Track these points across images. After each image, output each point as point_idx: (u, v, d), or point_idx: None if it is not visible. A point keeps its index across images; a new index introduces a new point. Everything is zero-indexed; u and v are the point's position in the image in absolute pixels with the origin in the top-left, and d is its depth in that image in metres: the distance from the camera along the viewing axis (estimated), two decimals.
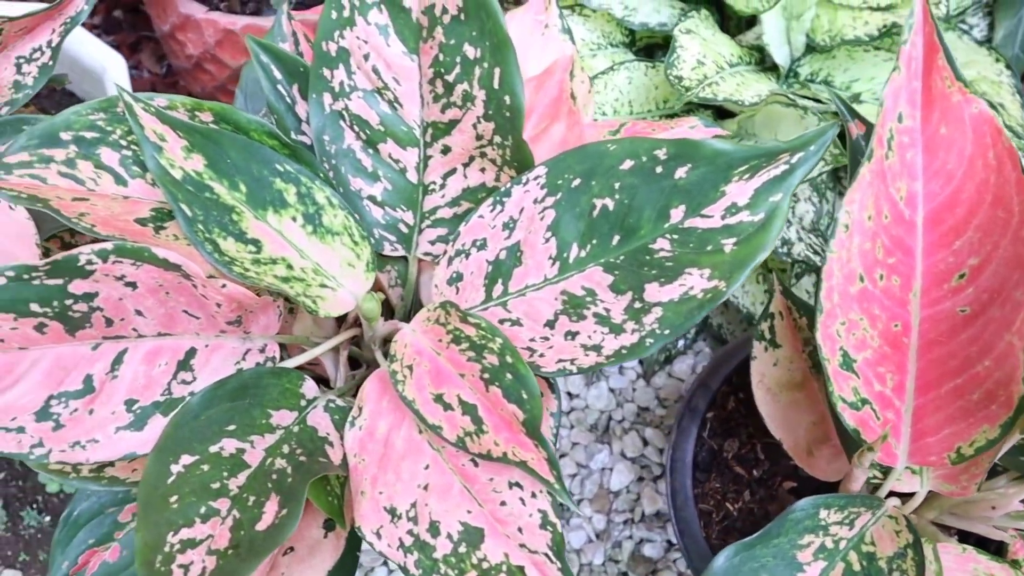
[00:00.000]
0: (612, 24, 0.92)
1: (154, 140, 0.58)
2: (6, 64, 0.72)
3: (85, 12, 0.70)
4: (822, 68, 0.91)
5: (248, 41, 0.70)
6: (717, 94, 0.79)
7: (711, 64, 0.82)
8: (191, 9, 0.90)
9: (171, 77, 1.05)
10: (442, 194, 0.66)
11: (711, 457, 0.83)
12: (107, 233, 0.56)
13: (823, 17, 0.89)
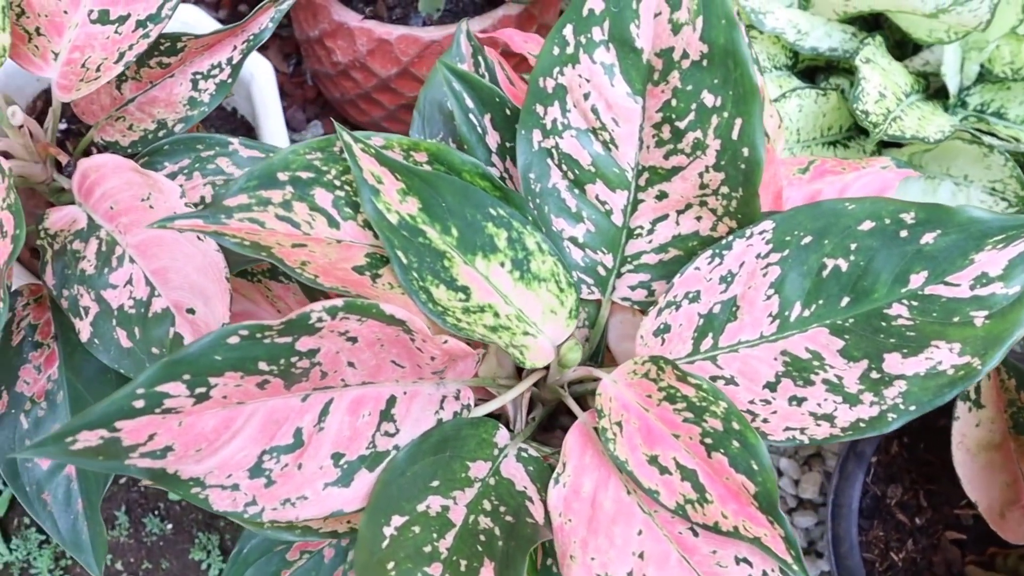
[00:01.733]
0: (777, 47, 0.88)
1: (372, 183, 0.55)
2: (182, 79, 0.69)
3: (269, 30, 0.67)
4: (994, 99, 0.87)
5: (441, 67, 0.66)
6: (904, 131, 0.75)
7: (891, 96, 0.78)
8: (345, 17, 0.87)
9: (299, 77, 1.03)
10: (649, 239, 0.62)
11: (875, 503, 0.80)
12: (330, 285, 0.53)
13: (1004, 48, 0.84)
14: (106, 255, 0.66)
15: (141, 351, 0.63)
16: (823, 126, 0.86)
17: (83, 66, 0.66)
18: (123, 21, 0.64)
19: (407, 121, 0.96)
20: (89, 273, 0.65)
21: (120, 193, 0.65)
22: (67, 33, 0.67)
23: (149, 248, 0.65)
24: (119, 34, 0.64)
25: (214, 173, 0.69)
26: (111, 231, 0.66)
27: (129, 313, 0.64)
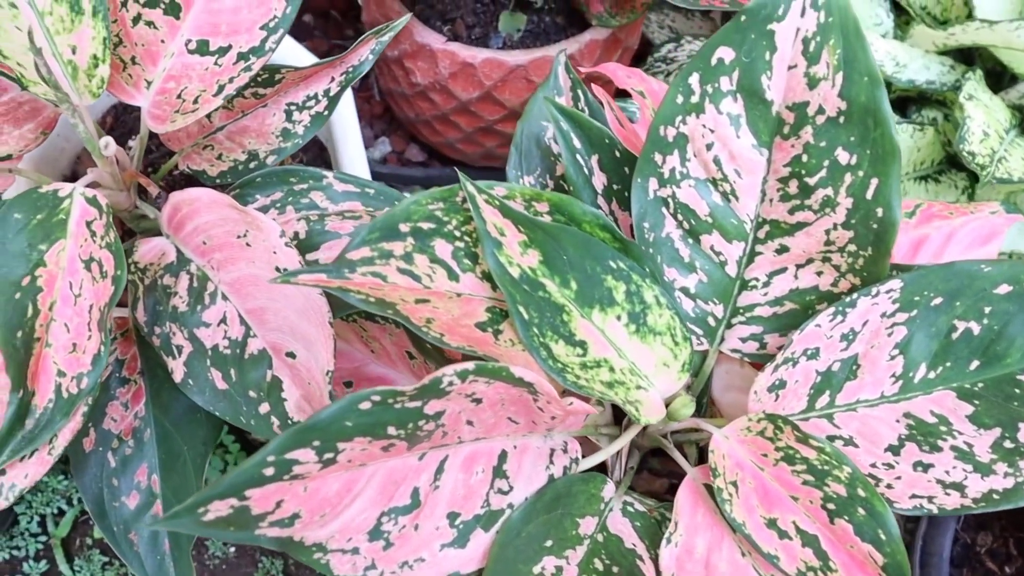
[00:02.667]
0: None
1: (495, 235, 0.53)
2: (275, 110, 0.68)
3: (369, 62, 0.65)
4: None
5: (547, 105, 0.65)
6: (1011, 173, 0.74)
7: (993, 134, 0.76)
8: (428, 39, 0.85)
9: (366, 92, 1.00)
10: (764, 292, 0.61)
11: (964, 551, 0.79)
12: (456, 344, 0.51)
13: None
14: (198, 291, 0.64)
15: (238, 394, 0.62)
16: (916, 161, 0.84)
17: (179, 97, 0.64)
18: (223, 53, 0.62)
19: (482, 143, 0.94)
20: (182, 310, 0.64)
21: (214, 228, 0.64)
22: (162, 62, 0.65)
23: (244, 287, 0.63)
24: (219, 66, 0.62)
25: (308, 208, 0.67)
26: (202, 266, 0.64)
27: (224, 354, 0.62)
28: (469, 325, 0.53)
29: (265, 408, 0.61)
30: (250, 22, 0.61)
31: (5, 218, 0.60)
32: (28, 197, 0.61)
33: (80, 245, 0.60)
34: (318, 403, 0.60)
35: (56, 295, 0.59)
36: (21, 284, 0.59)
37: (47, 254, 0.60)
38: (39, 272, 0.59)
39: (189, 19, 0.63)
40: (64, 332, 0.59)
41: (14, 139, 0.65)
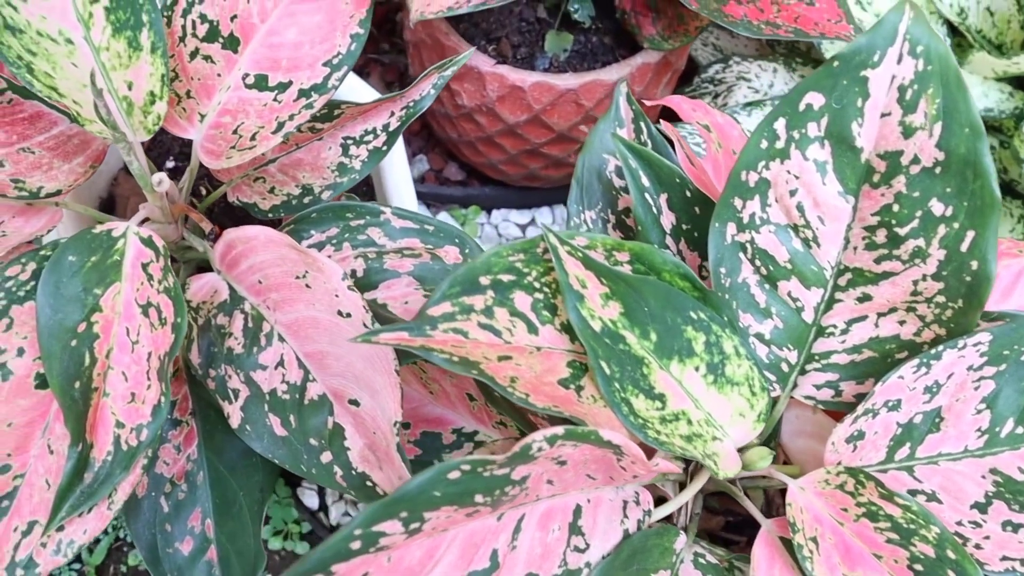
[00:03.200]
0: None
1: (577, 288, 0.52)
2: (331, 143, 0.65)
3: (431, 97, 0.63)
4: None
5: (615, 142, 0.63)
6: None
7: None
8: (476, 61, 0.82)
9: None
10: (842, 339, 0.59)
11: None
12: (543, 405, 0.50)
13: None
14: (253, 332, 0.62)
15: (298, 441, 0.60)
16: None
17: (235, 132, 0.61)
18: (283, 89, 0.60)
19: (526, 165, 0.92)
20: (237, 352, 0.62)
21: (271, 268, 0.62)
22: (217, 95, 0.62)
23: (303, 329, 0.61)
24: (278, 102, 0.60)
25: (365, 244, 0.65)
26: (257, 305, 0.62)
27: (283, 399, 0.60)
28: (552, 383, 0.51)
29: (327, 457, 0.59)
30: (312, 58, 0.59)
31: (60, 261, 0.58)
32: (82, 238, 0.59)
33: (136, 289, 0.58)
34: (384, 454, 0.58)
35: (113, 342, 0.57)
36: (77, 331, 0.57)
37: (102, 298, 0.58)
38: (95, 318, 0.57)
39: (247, 53, 0.61)
40: (122, 381, 0.57)
41: (64, 174, 0.62)
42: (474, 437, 0.67)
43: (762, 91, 0.87)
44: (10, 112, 0.60)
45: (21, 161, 0.61)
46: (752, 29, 0.70)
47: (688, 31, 0.81)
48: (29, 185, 0.61)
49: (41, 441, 0.58)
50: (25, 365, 0.58)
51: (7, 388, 0.57)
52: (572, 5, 0.85)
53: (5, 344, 0.58)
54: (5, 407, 0.57)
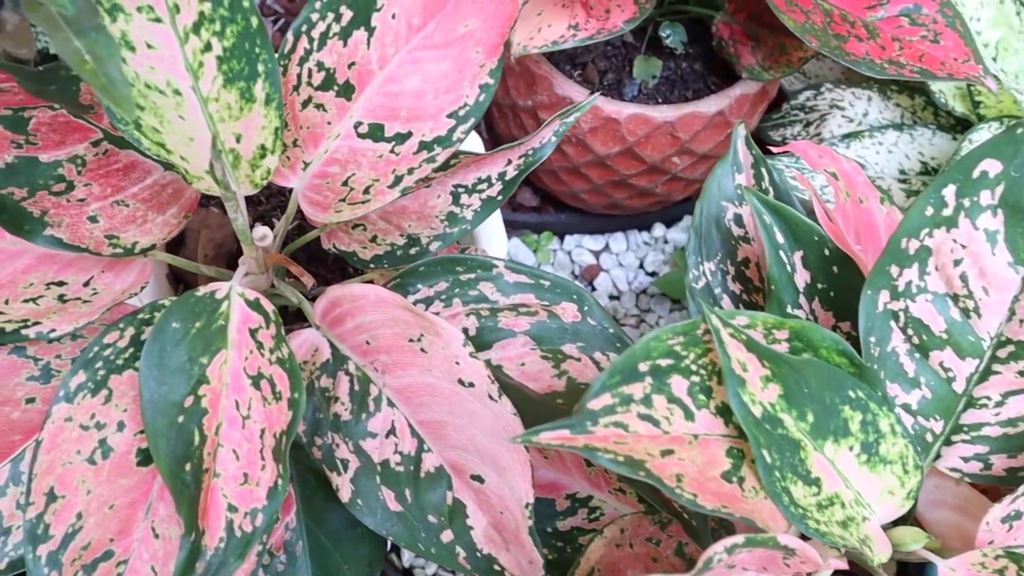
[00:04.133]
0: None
1: (739, 372, 0.48)
2: (440, 191, 0.61)
3: (552, 145, 0.59)
4: None
5: (749, 196, 0.59)
6: None
7: None
8: (569, 91, 0.78)
9: None
10: (996, 412, 0.55)
11: None
12: (712, 507, 0.46)
13: None
14: (360, 396, 0.58)
15: (415, 517, 0.56)
16: None
17: (345, 184, 0.57)
18: (402, 140, 0.56)
19: (610, 195, 0.88)
20: (345, 419, 0.58)
21: (380, 329, 0.58)
22: (324, 143, 0.58)
23: (416, 395, 0.57)
24: (396, 154, 0.56)
25: (476, 300, 0.61)
26: (363, 366, 0.58)
27: (396, 471, 0.57)
28: (716, 477, 0.48)
29: (448, 536, 0.56)
30: (436, 108, 0.55)
31: (163, 328, 0.53)
32: (185, 302, 0.55)
33: (245, 357, 0.54)
34: (513, 536, 0.54)
35: (222, 416, 0.53)
36: (184, 405, 0.53)
37: (209, 368, 0.54)
38: (202, 390, 0.53)
39: (361, 101, 0.57)
40: (233, 460, 0.53)
41: (158, 226, 0.58)
42: (588, 503, 0.64)
43: (856, 120, 0.83)
44: (105, 164, 0.56)
45: (116, 215, 0.57)
46: (875, 68, 0.67)
47: (791, 62, 0.77)
48: (124, 241, 0.57)
49: (144, 523, 0.54)
50: (126, 440, 0.54)
51: (108, 467, 0.53)
52: (663, 31, 0.81)
53: (105, 418, 0.54)
54: (107, 487, 0.53)
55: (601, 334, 0.61)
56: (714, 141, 0.82)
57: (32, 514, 0.51)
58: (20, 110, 0.52)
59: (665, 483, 0.45)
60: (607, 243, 0.98)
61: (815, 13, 0.67)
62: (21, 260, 0.57)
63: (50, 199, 0.54)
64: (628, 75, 0.83)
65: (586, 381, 0.61)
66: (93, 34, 0.38)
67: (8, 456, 0.57)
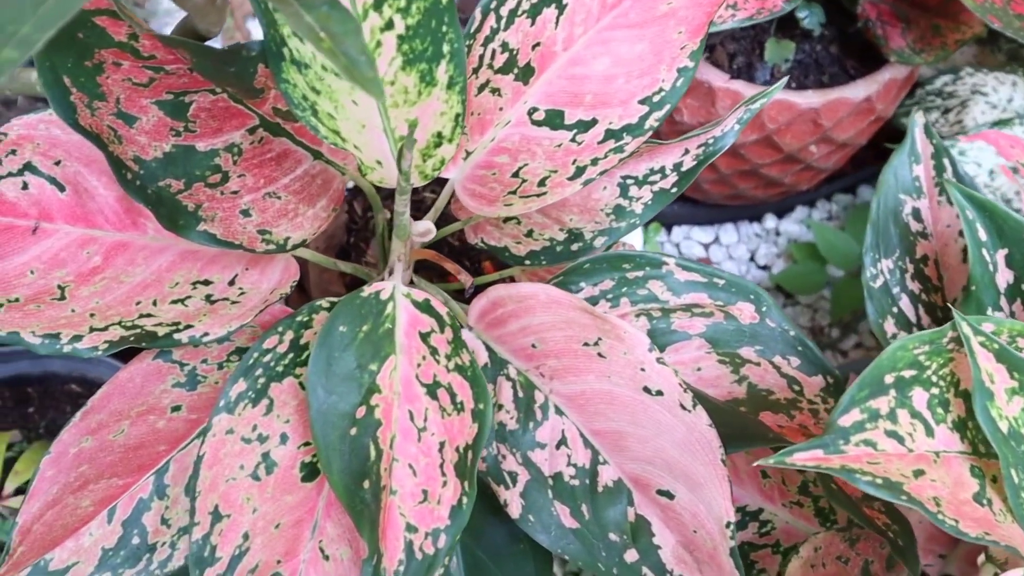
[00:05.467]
0: None
1: (988, 384, 0.43)
2: (607, 182, 0.57)
3: (735, 133, 0.54)
4: None
5: (952, 191, 0.54)
6: None
7: None
8: (708, 75, 0.73)
9: None
10: None
11: None
12: (975, 534, 0.42)
13: None
14: (525, 403, 0.54)
15: (593, 535, 0.52)
16: None
17: (516, 175, 0.53)
18: (585, 128, 0.51)
19: (735, 185, 0.84)
20: (511, 428, 0.53)
21: (550, 332, 0.53)
22: (491, 131, 0.54)
23: (590, 403, 0.53)
24: (577, 143, 0.51)
25: (645, 300, 0.57)
26: (524, 371, 0.54)
27: (571, 485, 0.52)
28: (969, 500, 0.43)
29: (633, 556, 0.51)
30: (626, 94, 0.50)
31: (330, 332, 0.49)
32: (351, 303, 0.50)
33: (417, 364, 0.50)
34: (709, 556, 0.50)
35: (395, 428, 0.49)
36: (356, 416, 0.48)
37: (379, 376, 0.49)
38: (374, 400, 0.49)
39: (538, 85, 0.52)
40: (410, 476, 0.48)
41: (308, 220, 0.54)
42: (759, 516, 0.60)
43: (1000, 106, 0.79)
44: (259, 152, 0.51)
45: (268, 208, 0.52)
46: None
47: (946, 44, 0.73)
48: (276, 236, 0.52)
49: (311, 543, 0.50)
50: (289, 454, 0.50)
51: (273, 482, 0.49)
52: (800, 11, 0.76)
53: (267, 430, 0.49)
54: (272, 505, 0.49)
55: (781, 336, 0.57)
56: (856, 129, 0.78)
57: (198, 535, 0.47)
58: (182, 94, 0.47)
59: (926, 508, 0.41)
60: (717, 235, 0.93)
61: None
62: (164, 257, 0.53)
63: (205, 191, 0.50)
64: (759, 58, 0.78)
65: (767, 387, 0.56)
66: (325, 8, 0.34)
67: (153, 467, 0.53)
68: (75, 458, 0.51)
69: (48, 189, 0.50)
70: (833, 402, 0.56)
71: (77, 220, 0.51)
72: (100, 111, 0.45)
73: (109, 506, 0.52)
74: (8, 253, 0.49)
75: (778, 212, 0.94)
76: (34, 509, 0.51)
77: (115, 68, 0.45)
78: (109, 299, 0.50)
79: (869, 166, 0.92)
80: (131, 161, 0.46)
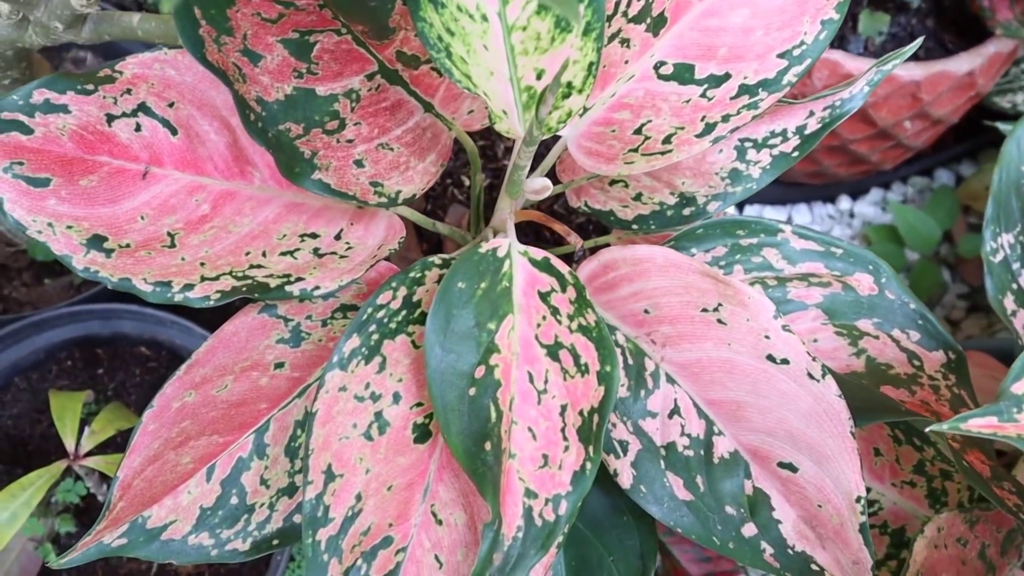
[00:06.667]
0: None
1: None
2: (723, 144, 0.55)
3: (863, 95, 0.52)
4: None
5: None
6: None
7: None
8: None
9: None
10: None
11: None
12: None
13: None
14: (636, 371, 0.52)
15: (708, 508, 0.50)
16: None
17: (638, 132, 0.51)
18: (717, 83, 0.49)
19: (821, 162, 0.82)
20: (622, 396, 0.52)
21: (666, 296, 0.51)
22: (611, 86, 0.52)
23: (706, 371, 0.51)
24: (708, 98, 0.49)
25: (760, 268, 0.55)
26: (633, 337, 0.52)
27: (684, 455, 0.50)
28: None
29: (751, 530, 0.49)
30: (764, 47, 0.48)
31: (448, 289, 0.47)
32: (469, 259, 0.48)
33: (537, 324, 0.48)
34: (835, 532, 0.48)
35: (514, 390, 0.47)
36: (475, 376, 0.46)
37: (497, 335, 0.47)
38: (493, 360, 0.47)
39: (668, 37, 0.50)
40: (529, 440, 0.46)
41: (419, 174, 0.52)
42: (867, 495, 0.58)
43: None
44: (376, 100, 0.49)
45: (380, 160, 0.50)
46: None
47: None
48: (388, 189, 0.50)
49: (423, 507, 0.48)
50: (402, 414, 0.48)
51: (385, 443, 0.47)
52: None
53: (380, 389, 0.48)
54: (384, 466, 0.47)
55: (900, 309, 0.55)
56: (953, 104, 0.76)
57: (311, 494, 0.45)
58: (307, 33, 0.45)
59: None
60: (789, 215, 0.91)
61: None
62: (270, 208, 0.51)
63: (322, 138, 0.48)
64: (851, 30, 0.76)
65: (887, 361, 0.55)
66: None
67: (253, 426, 0.51)
68: (177, 413, 0.50)
69: (161, 132, 0.48)
70: (955, 379, 0.54)
71: (187, 166, 0.49)
72: (227, 47, 0.43)
73: (208, 464, 0.50)
74: (119, 197, 0.47)
75: (853, 193, 0.92)
76: (135, 464, 0.49)
77: (246, 1, 0.43)
78: (218, 248, 0.49)
79: (948, 149, 0.90)
80: (254, 102, 0.44)
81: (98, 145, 0.47)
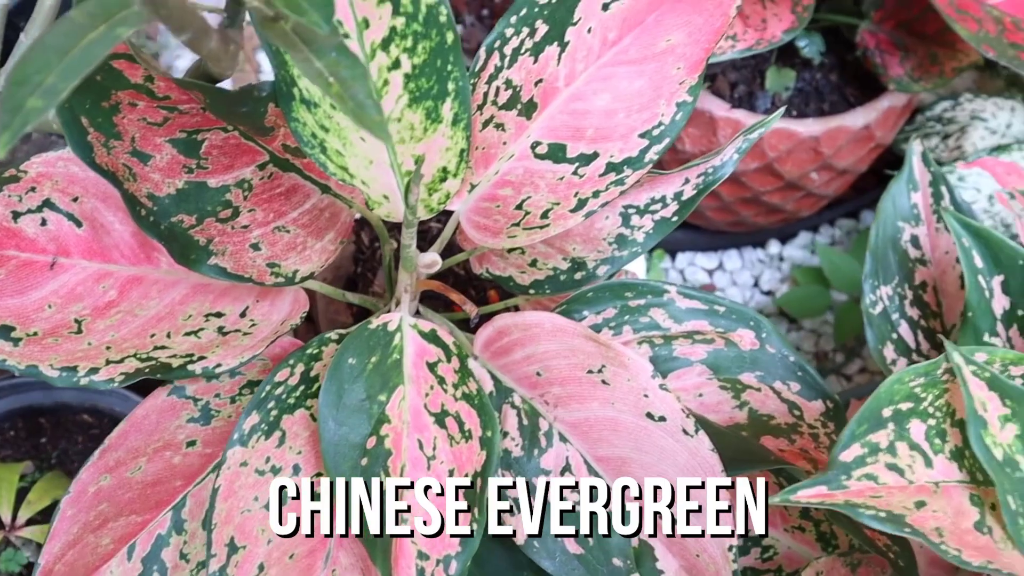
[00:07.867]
0: None
1: (980, 413, 0.44)
2: (609, 212, 0.58)
3: (734, 162, 0.55)
4: None
5: (949, 219, 0.56)
6: None
7: None
8: (709, 104, 0.75)
9: None
10: None
11: None
12: (978, 563, 0.42)
13: None
14: (530, 430, 0.55)
15: (598, 560, 0.53)
16: None
17: (519, 208, 0.54)
18: (587, 161, 0.53)
19: (738, 212, 0.85)
20: (516, 455, 0.54)
21: (555, 359, 0.54)
22: (495, 164, 0.55)
23: (594, 430, 0.54)
24: (579, 176, 0.53)
25: (648, 328, 0.58)
26: (529, 399, 0.55)
27: (576, 511, 0.53)
28: (970, 529, 0.44)
29: None
30: (627, 128, 0.52)
31: (339, 364, 0.50)
32: (360, 336, 0.51)
33: (425, 393, 0.51)
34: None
35: (405, 457, 0.50)
36: (366, 447, 0.49)
37: (388, 406, 0.51)
38: (384, 430, 0.50)
39: (540, 120, 0.53)
40: None
41: (316, 253, 0.55)
42: (761, 541, 0.60)
43: (999, 131, 0.80)
44: (269, 188, 0.53)
45: (277, 242, 0.53)
46: None
47: (943, 72, 0.74)
48: (285, 269, 0.53)
49: (324, 573, 0.50)
50: None
51: None
52: (800, 40, 0.78)
53: (280, 462, 0.51)
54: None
55: (781, 362, 0.58)
56: (855, 156, 0.79)
57: (215, 567, 0.48)
58: (194, 132, 0.49)
59: (929, 539, 0.42)
60: (721, 260, 0.94)
61: (987, 22, 0.64)
62: (177, 290, 0.54)
63: (216, 226, 0.51)
64: (759, 87, 0.79)
65: (768, 412, 0.57)
66: (334, 54, 0.35)
67: (170, 503, 0.54)
68: (94, 496, 0.52)
69: (66, 225, 0.51)
70: (833, 426, 0.57)
71: (93, 255, 0.52)
72: (116, 150, 0.46)
73: (128, 543, 0.53)
74: (27, 288, 0.50)
75: (781, 238, 0.95)
76: (55, 549, 0.52)
77: (131, 108, 0.46)
78: (124, 332, 0.52)
79: (871, 191, 0.93)
80: (145, 198, 0.48)
81: (5, 240, 0.50)
